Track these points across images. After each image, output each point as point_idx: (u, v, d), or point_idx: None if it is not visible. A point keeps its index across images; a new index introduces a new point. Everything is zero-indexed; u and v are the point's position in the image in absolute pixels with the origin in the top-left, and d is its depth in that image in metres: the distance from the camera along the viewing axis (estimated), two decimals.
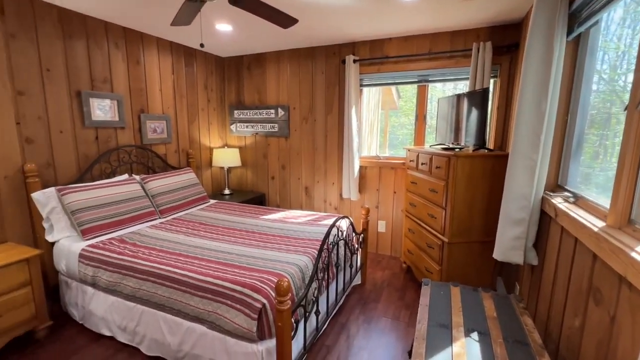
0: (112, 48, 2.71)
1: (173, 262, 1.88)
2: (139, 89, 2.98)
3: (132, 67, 2.90)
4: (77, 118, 2.50)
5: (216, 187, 4.06)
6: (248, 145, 4.02)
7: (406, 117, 7.67)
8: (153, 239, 2.25)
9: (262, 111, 3.82)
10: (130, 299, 1.90)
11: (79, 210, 2.24)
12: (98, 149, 2.66)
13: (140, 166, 3.02)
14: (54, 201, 2.25)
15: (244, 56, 3.83)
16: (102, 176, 2.68)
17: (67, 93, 2.42)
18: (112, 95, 2.72)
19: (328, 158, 3.57)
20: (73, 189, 2.29)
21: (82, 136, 2.54)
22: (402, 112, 7.10)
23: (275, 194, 3.95)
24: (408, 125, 6.55)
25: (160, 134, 3.21)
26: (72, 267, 2.13)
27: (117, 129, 2.81)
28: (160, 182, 2.91)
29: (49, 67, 2.30)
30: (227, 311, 1.58)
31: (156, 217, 2.74)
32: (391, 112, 6.83)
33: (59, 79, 2.36)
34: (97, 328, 2.08)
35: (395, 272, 3.08)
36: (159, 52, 3.14)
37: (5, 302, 1.83)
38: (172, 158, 3.38)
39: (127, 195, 2.57)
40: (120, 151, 2.82)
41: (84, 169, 2.56)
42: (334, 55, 3.35)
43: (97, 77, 2.62)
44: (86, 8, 2.37)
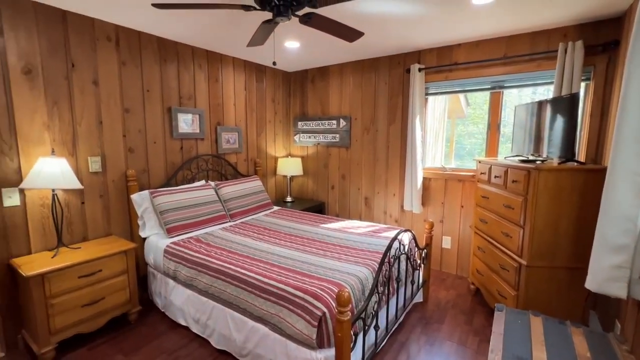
0: (196, 69, 3.07)
1: (241, 264, 2.02)
2: (217, 104, 3.32)
3: (212, 85, 3.24)
4: (167, 131, 2.88)
5: (279, 194, 4.26)
6: (310, 155, 4.15)
7: (475, 126, 7.12)
8: (224, 241, 2.46)
9: (325, 122, 3.93)
10: (204, 294, 2.09)
11: (166, 211, 2.56)
12: (182, 158, 3.02)
13: (215, 173, 3.33)
14: (147, 202, 2.61)
15: (308, 70, 4.01)
16: (184, 181, 3.03)
17: (161, 109, 2.81)
18: (195, 110, 3.07)
19: (389, 169, 3.50)
20: (162, 192, 2.63)
21: (170, 146, 2.91)
22: (471, 120, 6.63)
23: (335, 203, 3.99)
24: (477, 135, 6.10)
25: (232, 145, 3.51)
26: (158, 261, 2.43)
27: (198, 140, 3.15)
28: (232, 188, 3.17)
29: (149, 88, 2.70)
30: (288, 315, 1.64)
31: (227, 220, 2.98)
32: (458, 121, 6.43)
33: (155, 97, 2.76)
34: (175, 317, 2.33)
35: (462, 292, 2.85)
36: (234, 71, 3.46)
37: (109, 286, 2.17)
38: (242, 166, 3.67)
39: (203, 199, 2.85)
40: (199, 160, 3.16)
41: (170, 174, 2.93)
42: (398, 65, 3.31)
43: (184, 94, 2.99)
44: (179, 36, 2.75)
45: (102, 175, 2.45)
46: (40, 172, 1.96)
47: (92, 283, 2.09)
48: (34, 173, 1.97)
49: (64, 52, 2.19)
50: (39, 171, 1.97)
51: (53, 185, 1.97)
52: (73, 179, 2.07)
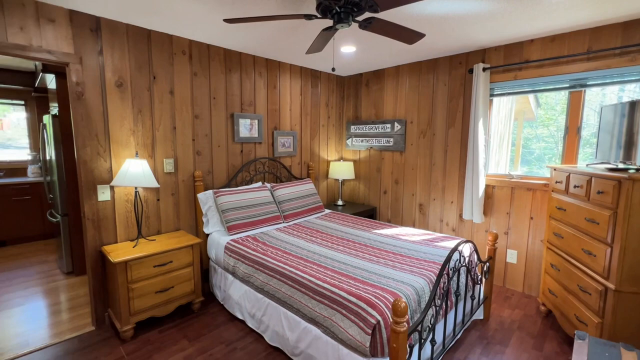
0: (257, 77, 3.25)
1: (295, 264, 2.07)
2: (274, 109, 3.47)
3: (270, 91, 3.40)
4: (230, 135, 3.09)
5: (330, 197, 4.30)
6: (362, 159, 4.12)
7: (545, 129, 6.41)
8: (279, 241, 2.55)
9: (378, 126, 3.87)
10: (259, 291, 2.19)
11: (227, 210, 2.74)
12: (242, 160, 3.21)
13: (270, 175, 3.48)
14: (210, 201, 2.83)
15: (362, 74, 3.99)
16: (242, 182, 3.22)
17: (225, 115, 3.03)
18: (254, 116, 3.25)
19: (447, 174, 3.32)
20: (224, 192, 2.82)
21: (232, 150, 3.12)
22: (540, 122, 5.99)
23: (387, 208, 3.90)
24: (547, 138, 5.51)
25: (287, 148, 3.64)
26: (219, 256, 2.61)
27: (256, 144, 3.33)
28: (286, 190, 3.28)
29: (215, 95, 2.93)
30: (341, 320, 1.64)
31: (281, 221, 3.09)
32: (525, 123, 5.86)
33: (220, 104, 2.98)
34: (232, 310, 2.48)
35: (529, 313, 2.57)
36: (291, 77, 3.59)
37: (178, 276, 2.39)
38: (295, 169, 3.78)
39: (260, 200, 3.00)
40: (257, 162, 3.34)
41: (231, 176, 3.13)
42: (459, 65, 3.13)
43: (245, 101, 3.18)
44: (242, 47, 2.94)
45: (174, 176, 2.71)
46: (126, 172, 2.24)
47: (164, 272, 2.32)
48: (122, 172, 2.25)
49: (148, 67, 2.48)
50: (126, 171, 2.25)
51: (136, 184, 2.24)
52: (152, 178, 2.33)
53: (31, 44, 1.97)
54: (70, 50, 2.12)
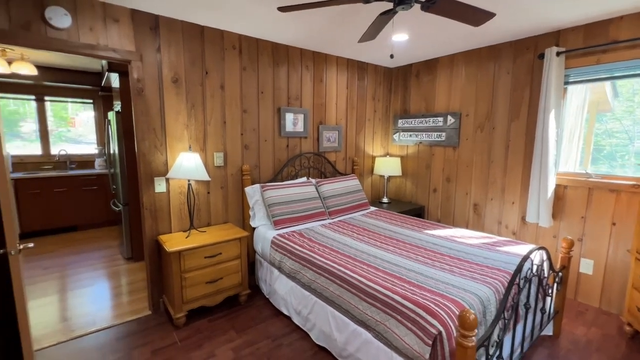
0: (304, 70, 3.20)
1: (344, 263, 1.99)
2: (320, 103, 3.40)
3: (317, 85, 3.34)
4: (276, 129, 3.08)
5: (375, 194, 4.15)
6: (410, 155, 3.91)
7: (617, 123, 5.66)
8: (325, 238, 2.49)
9: (429, 119, 3.63)
10: (306, 288, 2.15)
11: (273, 204, 2.74)
12: (287, 155, 3.20)
13: (315, 171, 3.43)
14: (257, 195, 2.84)
15: (412, 64, 3.77)
16: (288, 177, 3.20)
17: (272, 110, 3.03)
18: (300, 110, 3.21)
19: (508, 172, 3.01)
20: (270, 187, 2.82)
21: (278, 144, 3.11)
22: (613, 116, 5.27)
23: (437, 208, 3.66)
24: (619, 134, 4.85)
25: (332, 143, 3.56)
26: (265, 250, 2.61)
27: (301, 139, 3.29)
28: (331, 186, 3.21)
29: (263, 90, 2.94)
30: (396, 326, 1.52)
31: (325, 217, 3.03)
32: (598, 115, 5.18)
33: (268, 99, 2.98)
34: (278, 305, 2.47)
35: (610, 333, 2.24)
36: (337, 70, 3.49)
37: (227, 268, 2.43)
38: (340, 165, 3.69)
39: (305, 196, 2.96)
40: (302, 157, 3.30)
41: (277, 170, 3.13)
42: (526, 51, 2.80)
43: (292, 95, 3.15)
44: (290, 40, 2.90)
45: (223, 169, 2.77)
46: (180, 165, 2.32)
47: (214, 264, 2.38)
48: (176, 165, 2.33)
49: (201, 62, 2.54)
50: (180, 164, 2.32)
51: (189, 177, 2.30)
52: (204, 172, 2.38)
53: (99, 43, 2.10)
54: (132, 48, 2.22)
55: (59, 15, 1.93)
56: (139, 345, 2.10)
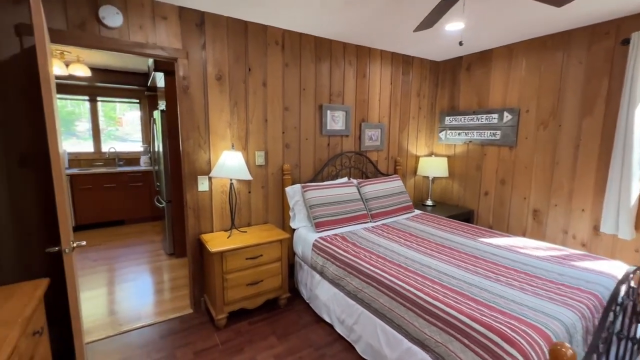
0: (346, 65, 3.06)
1: (395, 273, 1.83)
2: (363, 100, 3.24)
3: (359, 80, 3.18)
4: (317, 128, 2.97)
5: (418, 196, 3.91)
6: (458, 155, 3.63)
7: None
8: (370, 242, 2.33)
9: (481, 116, 3.33)
10: (351, 297, 2.01)
11: (315, 206, 2.63)
12: (328, 154, 3.08)
13: (356, 171, 3.28)
14: (298, 195, 2.75)
15: (463, 57, 3.48)
16: (328, 177, 3.08)
17: (313, 107, 2.92)
18: (343, 107, 3.07)
19: (578, 175, 2.66)
20: (312, 187, 2.71)
21: (319, 143, 3.00)
22: None
23: (488, 212, 3.36)
24: None
25: (374, 142, 3.38)
26: (306, 253, 2.51)
27: (343, 137, 3.15)
28: (373, 187, 3.04)
29: (305, 87, 2.83)
30: (461, 350, 1.34)
31: (368, 220, 2.87)
32: None
33: (309, 96, 2.87)
34: (319, 311, 2.36)
35: None
36: (381, 65, 3.31)
37: (268, 270, 2.36)
38: (382, 165, 3.51)
39: (347, 197, 2.82)
40: (343, 156, 3.16)
41: (317, 170, 3.02)
42: (604, 37, 2.45)
43: (334, 92, 3.02)
44: (333, 34, 2.77)
45: (264, 168, 2.70)
46: (223, 164, 2.27)
47: (255, 266, 2.31)
48: (219, 164, 2.29)
49: (244, 59, 2.49)
50: (223, 163, 2.28)
51: (231, 176, 2.25)
52: (246, 171, 2.32)
53: (147, 42, 2.10)
54: (179, 45, 2.21)
55: (112, 14, 1.94)
56: (182, 345, 2.09)
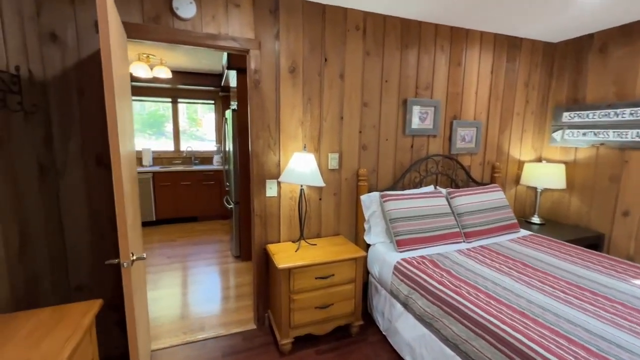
0: (438, 52, 2.55)
1: (521, 328, 1.31)
2: (455, 93, 2.69)
3: (453, 70, 2.64)
4: (400, 126, 2.53)
5: (519, 211, 3.18)
6: (580, 161, 2.82)
7: None
8: (470, 272, 1.82)
9: (622, 111, 2.51)
10: (449, 346, 1.55)
11: (396, 220, 2.21)
12: (411, 157, 2.61)
13: (444, 177, 2.75)
14: (375, 205, 2.35)
15: (594, 34, 2.67)
16: (410, 185, 2.62)
17: (396, 102, 2.49)
18: (431, 102, 2.58)
19: None
20: (392, 196, 2.29)
21: (401, 144, 2.56)
22: None
23: (628, 239, 2.51)
24: None
25: (468, 143, 2.80)
26: (384, 276, 2.11)
27: (429, 137, 2.65)
28: (467, 199, 2.48)
29: (387, 78, 2.42)
30: None
31: (460, 239, 2.34)
32: None
33: (392, 89, 2.45)
34: (400, 350, 1.93)
35: None
36: (480, 49, 2.71)
37: (339, 292, 2.03)
38: (475, 171, 2.90)
39: (434, 210, 2.33)
40: (429, 160, 2.66)
41: (398, 176, 2.58)
42: None
43: (421, 83, 2.55)
44: (423, 14, 2.30)
45: (337, 173, 2.37)
46: (294, 168, 2.00)
47: (325, 286, 1.99)
48: (290, 168, 2.03)
49: (320, 48, 2.18)
50: (293, 166, 2.01)
51: (302, 181, 1.96)
52: (319, 176, 2.02)
53: (220, 32, 1.93)
54: (251, 35, 2.00)
55: (185, 4, 1.80)
56: None
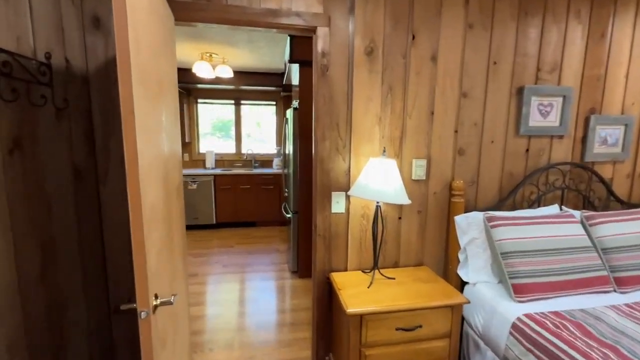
0: (571, 20, 1.84)
1: None
2: (595, 77, 1.93)
3: (593, 45, 1.89)
4: (512, 123, 1.87)
5: None
6: None
7: None
8: None
9: None
10: None
11: (512, 254, 1.57)
12: (525, 166, 1.93)
13: (572, 194, 1.99)
14: (475, 230, 1.74)
15: None
16: (522, 203, 1.94)
17: (508, 90, 1.84)
18: (558, 90, 1.86)
19: None
20: (504, 220, 1.66)
21: (512, 147, 1.89)
22: None
23: None
24: None
25: (611, 147, 2.00)
26: (493, 333, 1.49)
27: (553, 139, 1.94)
28: (617, 227, 1.72)
29: (496, 59, 1.80)
30: None
31: (609, 287, 1.59)
32: None
33: (503, 72, 1.82)
34: None
35: None
36: (636, 16, 1.91)
37: (429, 350, 1.48)
38: (621, 186, 2.07)
39: (565, 242, 1.62)
40: (551, 170, 1.95)
41: (505, 191, 1.92)
42: None
43: (545, 65, 1.85)
44: None
45: (423, 185, 1.82)
46: (370, 180, 1.52)
47: (408, 341, 1.47)
48: (362, 179, 1.55)
49: (407, 22, 1.67)
50: (368, 177, 1.53)
51: (381, 198, 1.47)
52: (404, 192, 1.50)
53: (281, 7, 1.54)
54: (319, 9, 1.58)
55: None
56: None
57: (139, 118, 0.86)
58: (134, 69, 0.82)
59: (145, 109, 0.92)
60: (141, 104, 0.89)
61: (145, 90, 0.94)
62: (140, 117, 0.87)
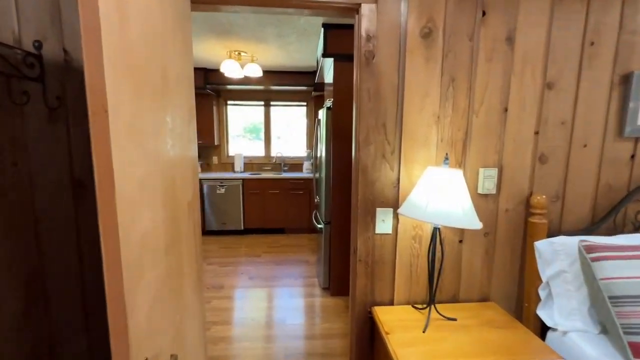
0: None
1: None
2: None
3: None
4: (612, 122, 1.44)
5: None
6: None
7: None
8: None
9: None
10: None
11: (624, 300, 1.16)
12: (630, 177, 1.49)
13: None
14: (564, 261, 1.34)
15: None
16: (627, 226, 1.49)
17: (609, 79, 1.42)
18: None
19: None
20: (611, 252, 1.24)
21: (611, 153, 1.46)
22: None
23: None
24: None
25: None
26: None
27: None
28: None
29: (594, 39, 1.38)
30: None
31: None
32: None
33: (603, 56, 1.40)
34: None
35: None
36: None
37: None
38: None
39: None
40: None
41: (601, 209, 1.49)
42: None
43: None
44: None
45: (492, 200, 1.45)
46: (427, 194, 1.18)
47: None
48: (416, 194, 1.22)
49: None
50: (426, 191, 1.19)
51: (443, 221, 1.13)
52: (473, 213, 1.15)
53: None
54: None
55: None
56: None
57: (122, 118, 0.61)
58: (109, 47, 0.56)
59: (135, 106, 0.67)
60: (127, 99, 0.63)
61: (136, 83, 0.68)
62: (124, 117, 0.61)
